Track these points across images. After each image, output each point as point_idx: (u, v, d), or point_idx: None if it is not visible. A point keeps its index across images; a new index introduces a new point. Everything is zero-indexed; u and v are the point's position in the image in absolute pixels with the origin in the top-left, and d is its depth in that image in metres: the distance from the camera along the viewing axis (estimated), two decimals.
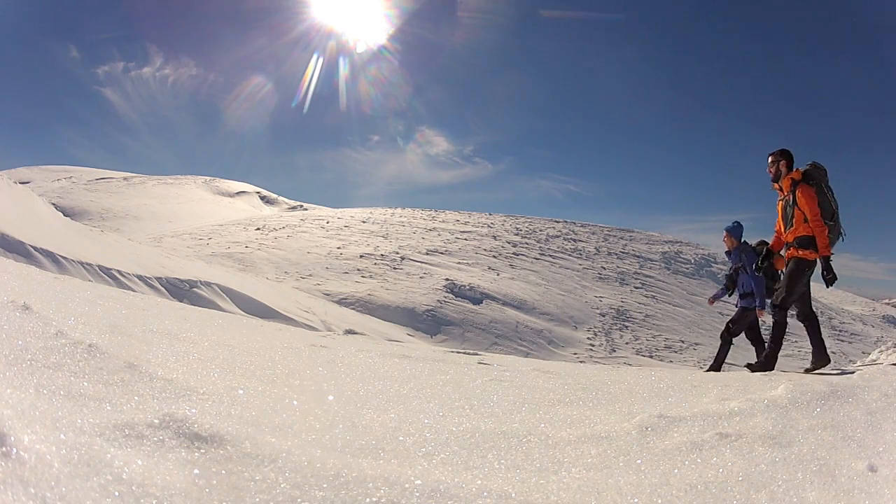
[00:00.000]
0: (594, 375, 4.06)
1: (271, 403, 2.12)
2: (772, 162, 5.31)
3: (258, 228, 31.11)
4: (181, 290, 13.43)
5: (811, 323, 5.26)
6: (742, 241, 6.38)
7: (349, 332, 13.64)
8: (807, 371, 5.42)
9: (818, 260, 5.07)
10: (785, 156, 5.28)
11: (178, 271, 14.64)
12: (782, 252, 5.29)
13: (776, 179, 5.27)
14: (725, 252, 6.54)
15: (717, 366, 5.64)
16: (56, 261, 11.41)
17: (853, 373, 4.20)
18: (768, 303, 5.78)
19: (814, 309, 5.35)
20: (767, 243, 5.57)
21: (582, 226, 37.20)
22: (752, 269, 5.95)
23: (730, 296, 6.55)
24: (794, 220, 5.10)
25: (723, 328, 6.20)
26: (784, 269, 5.38)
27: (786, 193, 5.16)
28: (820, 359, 5.21)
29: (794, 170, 5.17)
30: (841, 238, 5.15)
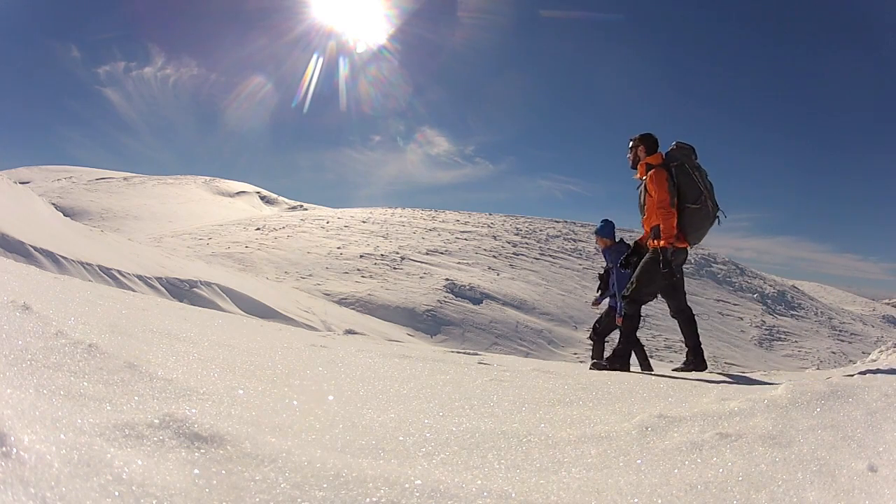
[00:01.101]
0: (594, 375, 4.06)
1: (271, 403, 2.12)
2: (630, 148, 4.84)
3: (258, 228, 31.11)
4: (181, 290, 13.42)
5: (684, 320, 4.76)
6: (619, 240, 6.29)
7: (349, 332, 13.64)
8: (675, 370, 4.89)
9: (685, 249, 4.64)
10: (644, 140, 4.76)
11: (178, 271, 14.64)
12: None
13: (635, 166, 4.80)
14: (602, 251, 6.50)
15: (600, 364, 4.94)
16: (56, 261, 11.41)
17: (853, 373, 4.20)
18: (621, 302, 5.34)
19: (689, 305, 4.84)
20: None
21: (582, 226, 37.19)
22: (617, 268, 5.69)
23: (601, 296, 6.49)
24: (647, 209, 4.68)
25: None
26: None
27: (642, 180, 4.72)
28: (695, 361, 4.74)
29: (656, 153, 4.71)
30: (717, 221, 4.67)
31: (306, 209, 53.82)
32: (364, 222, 33.45)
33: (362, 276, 22.36)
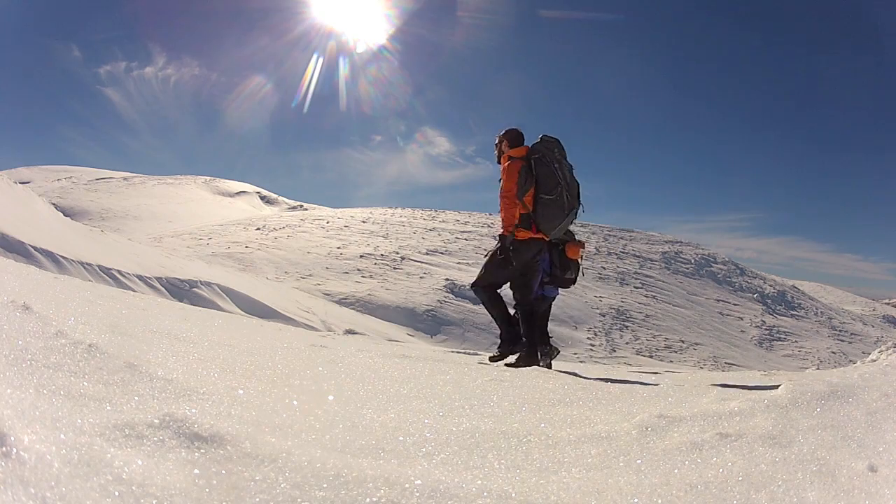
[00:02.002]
0: (594, 376, 4.06)
1: (271, 403, 2.11)
2: (496, 144, 4.91)
3: (258, 228, 31.12)
4: (181, 290, 13.43)
5: (523, 313, 4.78)
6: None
7: (349, 332, 13.64)
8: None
9: (539, 240, 4.68)
10: (508, 135, 4.82)
11: (178, 271, 14.64)
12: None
13: (500, 160, 4.82)
14: None
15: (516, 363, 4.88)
16: (56, 261, 11.41)
17: (853, 373, 4.20)
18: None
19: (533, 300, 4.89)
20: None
21: (582, 226, 37.18)
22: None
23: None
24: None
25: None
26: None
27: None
28: (527, 355, 4.70)
29: (520, 147, 4.73)
30: (574, 214, 4.73)
31: (306, 209, 53.80)
32: (364, 222, 33.45)
33: (362, 276, 22.37)
